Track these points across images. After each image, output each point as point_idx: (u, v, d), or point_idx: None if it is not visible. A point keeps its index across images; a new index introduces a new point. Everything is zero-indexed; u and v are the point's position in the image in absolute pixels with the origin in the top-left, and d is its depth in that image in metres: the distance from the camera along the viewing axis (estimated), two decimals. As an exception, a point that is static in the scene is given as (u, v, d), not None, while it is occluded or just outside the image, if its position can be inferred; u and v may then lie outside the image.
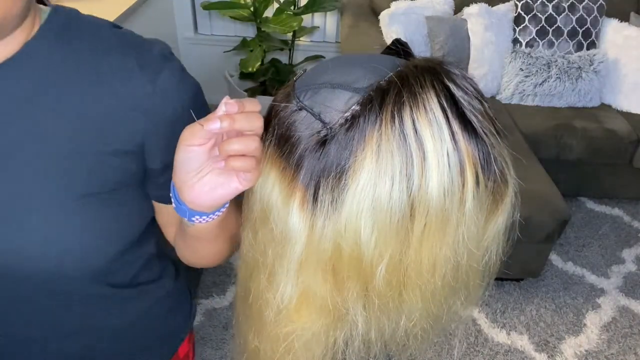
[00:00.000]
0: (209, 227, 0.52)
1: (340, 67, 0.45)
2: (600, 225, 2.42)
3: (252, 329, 0.56)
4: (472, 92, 0.42)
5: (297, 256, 0.45)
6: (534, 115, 2.33)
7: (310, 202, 0.43)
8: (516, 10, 2.42)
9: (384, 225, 0.41)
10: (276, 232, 0.46)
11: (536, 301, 2.02)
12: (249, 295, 0.53)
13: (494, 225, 0.46)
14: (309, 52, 2.79)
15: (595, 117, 2.35)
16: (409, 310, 0.48)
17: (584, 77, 2.37)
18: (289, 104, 0.45)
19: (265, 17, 2.49)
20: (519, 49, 2.41)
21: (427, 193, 0.40)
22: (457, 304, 0.51)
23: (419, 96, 0.40)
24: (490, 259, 0.49)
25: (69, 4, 0.59)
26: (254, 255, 0.50)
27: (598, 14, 2.44)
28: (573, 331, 1.92)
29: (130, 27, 2.27)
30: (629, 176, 2.41)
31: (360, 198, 0.41)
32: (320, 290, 0.46)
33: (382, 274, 0.43)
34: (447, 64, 0.43)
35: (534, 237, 1.82)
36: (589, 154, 2.29)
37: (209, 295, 1.95)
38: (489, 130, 0.42)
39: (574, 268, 2.18)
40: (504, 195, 0.45)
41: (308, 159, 0.43)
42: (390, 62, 0.45)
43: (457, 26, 2.36)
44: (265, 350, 0.55)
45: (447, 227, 0.42)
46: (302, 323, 0.49)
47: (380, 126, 0.40)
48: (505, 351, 1.82)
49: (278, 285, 0.48)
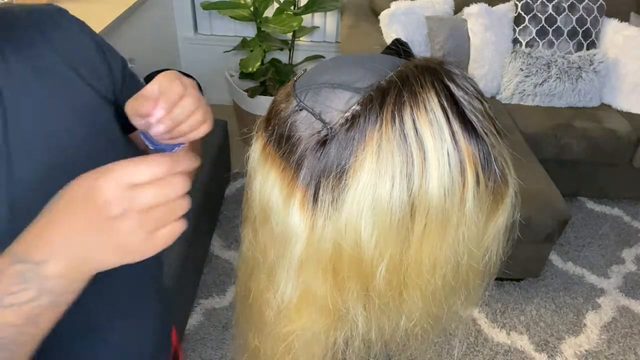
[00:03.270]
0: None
1: (340, 67, 0.45)
2: (600, 225, 2.42)
3: (252, 329, 0.56)
4: (473, 92, 0.42)
5: (297, 256, 0.45)
6: (534, 115, 2.33)
7: (311, 202, 0.43)
8: (516, 10, 2.42)
9: (384, 225, 0.41)
10: (276, 231, 0.46)
11: (536, 301, 2.02)
12: (249, 295, 0.53)
13: (494, 225, 0.46)
14: (309, 52, 2.79)
15: (595, 117, 2.35)
16: (409, 310, 0.48)
17: (584, 77, 2.37)
18: (290, 103, 0.45)
19: (265, 17, 2.49)
20: (519, 49, 2.41)
21: (428, 193, 0.40)
22: (457, 304, 0.51)
23: (419, 96, 0.40)
24: (491, 259, 0.49)
25: (69, 5, 0.60)
26: (254, 254, 0.50)
27: (598, 14, 2.44)
28: (573, 331, 1.92)
29: (130, 27, 2.27)
30: (629, 176, 2.41)
31: (360, 198, 0.41)
32: (320, 290, 0.46)
33: (383, 274, 0.43)
34: (448, 63, 0.43)
35: (534, 237, 1.82)
36: (588, 154, 2.29)
37: (209, 295, 1.95)
38: (489, 130, 0.42)
39: (574, 268, 2.18)
40: (504, 195, 0.45)
41: (308, 159, 0.43)
42: (391, 62, 0.45)
43: (457, 26, 2.36)
44: (265, 350, 0.55)
45: (448, 227, 0.42)
46: (302, 323, 0.49)
47: (381, 126, 0.40)
48: (505, 351, 1.82)
49: (278, 285, 0.48)
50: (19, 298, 0.39)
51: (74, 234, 0.39)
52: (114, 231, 0.38)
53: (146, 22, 2.35)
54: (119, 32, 1.96)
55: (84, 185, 0.39)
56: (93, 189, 0.38)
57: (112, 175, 0.38)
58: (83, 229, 0.39)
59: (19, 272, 0.39)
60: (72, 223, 0.39)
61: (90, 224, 0.39)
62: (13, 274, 0.39)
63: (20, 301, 0.39)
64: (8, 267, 0.39)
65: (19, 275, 0.39)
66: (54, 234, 0.39)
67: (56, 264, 0.39)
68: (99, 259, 0.40)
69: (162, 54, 2.66)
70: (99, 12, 1.88)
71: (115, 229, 0.38)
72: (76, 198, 0.39)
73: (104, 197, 0.38)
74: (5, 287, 0.39)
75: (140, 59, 2.16)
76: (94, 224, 0.38)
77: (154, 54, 2.49)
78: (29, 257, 0.39)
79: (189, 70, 2.59)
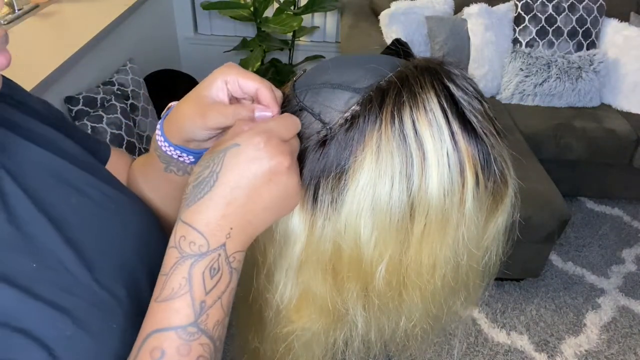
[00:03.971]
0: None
1: (340, 67, 0.45)
2: (600, 225, 2.41)
3: (252, 329, 0.56)
4: (472, 92, 0.42)
5: (297, 256, 0.45)
6: (534, 115, 2.33)
7: (310, 202, 0.43)
8: (516, 10, 2.42)
9: (383, 225, 0.41)
10: (276, 232, 0.46)
11: (536, 301, 2.02)
12: (249, 295, 0.53)
13: (493, 226, 0.46)
14: (309, 52, 2.79)
15: (595, 117, 2.35)
16: (408, 311, 0.48)
17: (584, 77, 2.37)
18: (289, 104, 0.46)
19: (265, 17, 2.49)
20: (519, 49, 2.41)
21: (427, 193, 0.40)
22: (457, 304, 0.51)
23: (418, 96, 0.40)
24: (490, 259, 0.49)
25: (70, 5, 0.59)
26: (254, 255, 0.50)
27: (598, 14, 2.44)
28: (573, 331, 1.92)
29: (130, 27, 2.27)
30: (629, 176, 2.40)
31: (360, 198, 0.41)
32: (320, 290, 0.46)
33: (382, 274, 0.43)
34: (447, 64, 0.43)
35: (534, 237, 1.82)
36: (589, 154, 2.29)
37: (209, 295, 1.95)
38: (489, 131, 0.42)
39: (574, 268, 2.18)
40: (503, 195, 0.45)
41: (308, 159, 0.43)
42: (390, 62, 0.45)
43: (457, 26, 2.36)
44: (265, 350, 0.55)
45: (447, 228, 0.42)
46: (302, 323, 0.49)
47: (380, 126, 0.40)
48: (505, 351, 1.82)
49: (278, 285, 0.48)
50: (219, 289, 0.40)
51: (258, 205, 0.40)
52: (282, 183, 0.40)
53: (146, 22, 2.35)
54: (119, 32, 1.96)
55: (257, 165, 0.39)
56: (269, 165, 0.39)
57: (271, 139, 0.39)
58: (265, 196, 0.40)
59: (210, 261, 0.40)
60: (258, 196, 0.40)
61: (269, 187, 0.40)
62: (204, 267, 0.39)
63: (221, 291, 0.40)
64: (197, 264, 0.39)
65: (210, 268, 0.39)
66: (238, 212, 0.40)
67: (236, 238, 0.40)
68: (263, 217, 0.41)
69: (162, 54, 2.66)
70: (99, 12, 1.88)
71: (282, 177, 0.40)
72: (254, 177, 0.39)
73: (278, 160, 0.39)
74: (200, 286, 0.39)
75: (140, 59, 2.16)
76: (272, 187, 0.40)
77: (154, 54, 2.48)
78: (214, 243, 0.40)
79: (189, 70, 2.59)
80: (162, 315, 0.39)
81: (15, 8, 1.73)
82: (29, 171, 0.46)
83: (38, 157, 0.47)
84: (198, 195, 0.39)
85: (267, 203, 0.40)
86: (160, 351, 0.38)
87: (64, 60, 1.53)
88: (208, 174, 0.39)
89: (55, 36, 1.71)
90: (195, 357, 0.38)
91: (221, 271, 0.40)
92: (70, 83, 1.65)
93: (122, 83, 1.87)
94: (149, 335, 0.39)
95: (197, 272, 0.39)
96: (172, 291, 0.39)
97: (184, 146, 0.50)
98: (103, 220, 0.49)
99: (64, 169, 0.49)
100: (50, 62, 1.50)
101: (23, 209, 0.43)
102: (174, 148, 0.51)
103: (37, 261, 0.41)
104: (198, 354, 0.39)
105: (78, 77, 1.69)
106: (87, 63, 1.72)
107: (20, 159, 0.46)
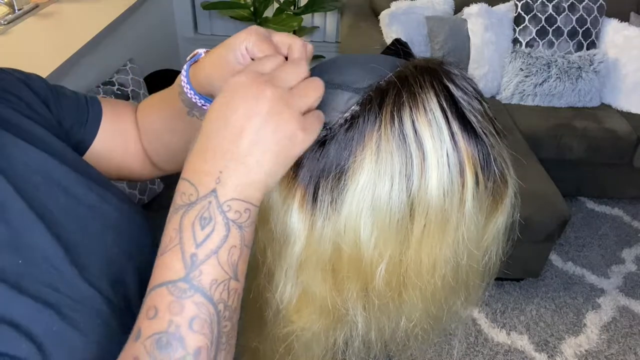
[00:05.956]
0: None
1: (340, 67, 0.45)
2: (600, 225, 2.41)
3: (252, 329, 0.56)
4: (472, 92, 0.42)
5: (297, 256, 0.45)
6: (534, 115, 2.33)
7: (310, 202, 0.43)
8: (516, 10, 2.42)
9: (383, 225, 0.41)
10: (276, 232, 0.46)
11: (536, 301, 2.02)
12: (249, 296, 0.53)
13: (493, 226, 0.46)
14: (309, 52, 2.79)
15: (595, 117, 2.35)
16: (409, 311, 0.48)
17: (584, 77, 2.37)
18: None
19: (265, 17, 2.49)
20: (519, 49, 2.41)
21: (427, 193, 0.40)
22: (457, 304, 0.51)
23: (418, 97, 0.40)
24: (490, 259, 0.49)
25: (70, 5, 0.59)
26: (254, 254, 0.50)
27: (598, 14, 2.44)
28: (573, 331, 1.92)
29: (130, 27, 2.27)
30: (629, 176, 2.41)
31: (359, 198, 0.41)
32: (319, 290, 0.46)
33: (382, 275, 0.43)
34: (447, 64, 0.43)
35: (534, 237, 1.82)
36: (589, 154, 2.29)
37: (209, 295, 1.95)
38: (489, 131, 0.42)
39: (574, 268, 2.18)
40: (503, 195, 0.45)
41: (308, 159, 0.43)
42: (390, 62, 0.45)
43: (457, 26, 2.36)
44: (265, 351, 0.55)
45: (447, 228, 0.42)
46: (302, 323, 0.49)
47: (380, 126, 0.40)
48: (505, 351, 1.82)
49: (277, 285, 0.48)
50: (213, 241, 0.36)
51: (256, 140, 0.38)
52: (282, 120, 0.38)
53: (146, 22, 2.35)
54: (119, 32, 1.96)
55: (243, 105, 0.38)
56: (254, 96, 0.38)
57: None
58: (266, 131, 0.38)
59: (199, 210, 0.37)
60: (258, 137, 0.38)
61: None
62: (194, 217, 0.37)
63: (215, 245, 0.37)
64: (186, 213, 0.37)
65: (200, 217, 0.37)
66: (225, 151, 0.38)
67: (228, 182, 0.37)
68: (267, 167, 0.38)
69: (162, 54, 2.66)
70: (99, 12, 1.88)
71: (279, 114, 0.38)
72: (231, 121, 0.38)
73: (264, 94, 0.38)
74: (190, 238, 0.36)
75: (140, 59, 2.16)
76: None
77: (154, 54, 2.48)
78: (201, 187, 0.37)
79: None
80: (156, 272, 0.37)
81: (15, 8, 1.73)
82: (20, 169, 0.46)
83: (29, 155, 0.48)
84: (191, 148, 0.39)
85: (253, 137, 0.37)
86: (154, 309, 0.36)
87: (64, 60, 1.53)
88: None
89: (55, 36, 1.70)
90: (188, 317, 0.35)
91: (213, 221, 0.36)
92: (70, 83, 1.65)
93: (122, 83, 1.87)
94: (147, 295, 0.37)
95: (186, 223, 0.36)
96: (164, 245, 0.37)
97: (207, 97, 0.52)
98: (90, 219, 0.49)
99: (54, 169, 0.49)
100: (50, 62, 1.50)
101: (13, 206, 0.43)
102: (199, 97, 0.53)
103: (23, 257, 0.41)
104: (192, 313, 0.35)
105: (78, 77, 1.69)
106: (87, 63, 1.72)
107: (10, 156, 0.46)
